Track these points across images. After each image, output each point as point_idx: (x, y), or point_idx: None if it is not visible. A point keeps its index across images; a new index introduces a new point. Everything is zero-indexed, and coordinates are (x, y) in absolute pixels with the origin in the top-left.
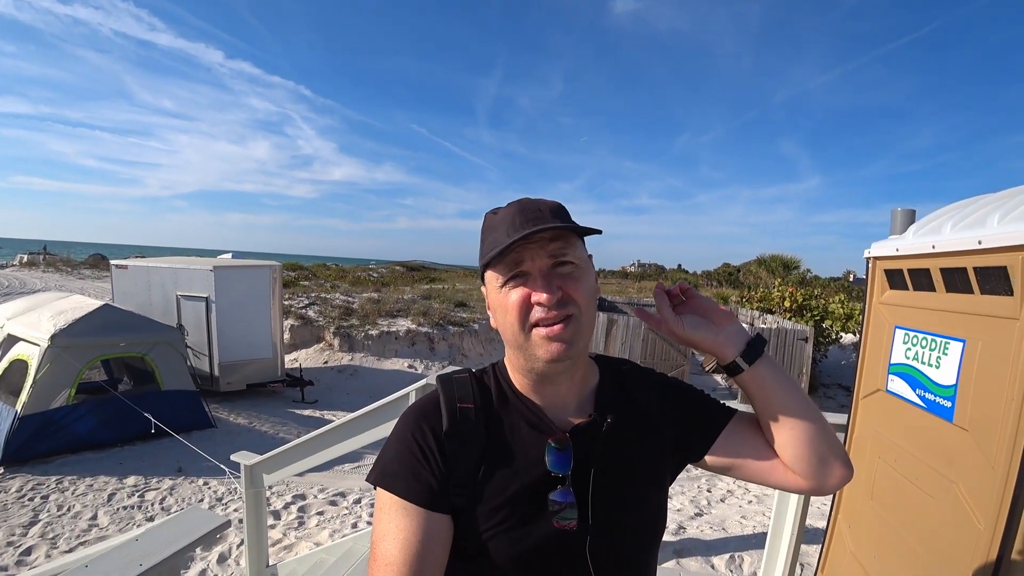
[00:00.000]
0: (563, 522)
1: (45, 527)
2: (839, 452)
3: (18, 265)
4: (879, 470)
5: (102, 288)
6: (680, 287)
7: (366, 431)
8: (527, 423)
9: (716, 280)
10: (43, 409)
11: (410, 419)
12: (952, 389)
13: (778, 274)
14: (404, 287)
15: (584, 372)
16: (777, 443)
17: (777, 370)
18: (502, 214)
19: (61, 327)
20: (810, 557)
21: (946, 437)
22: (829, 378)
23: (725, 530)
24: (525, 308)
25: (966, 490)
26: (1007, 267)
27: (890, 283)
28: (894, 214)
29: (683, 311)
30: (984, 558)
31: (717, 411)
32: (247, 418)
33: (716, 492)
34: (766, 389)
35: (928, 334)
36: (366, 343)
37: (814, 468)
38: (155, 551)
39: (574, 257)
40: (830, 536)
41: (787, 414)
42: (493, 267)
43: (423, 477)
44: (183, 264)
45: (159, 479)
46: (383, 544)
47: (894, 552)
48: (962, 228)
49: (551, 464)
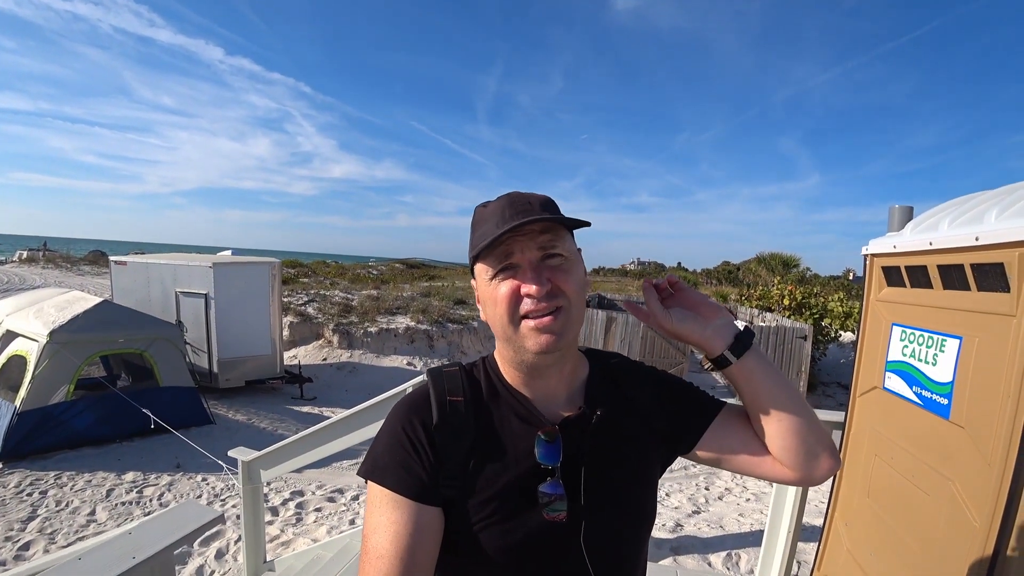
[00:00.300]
0: (553, 514)
1: (43, 522)
2: (827, 443)
3: (17, 261)
4: (876, 468)
5: (101, 284)
6: (669, 280)
7: (364, 427)
8: (517, 416)
9: (716, 278)
10: (42, 405)
11: (400, 413)
12: (949, 386)
13: (777, 272)
14: (403, 284)
15: (574, 365)
16: (766, 435)
17: (765, 363)
18: (492, 207)
19: (60, 323)
20: (807, 555)
21: (943, 434)
22: (828, 376)
23: (722, 528)
24: (514, 300)
25: (962, 487)
26: (1004, 264)
27: (887, 280)
28: (892, 211)
29: (672, 304)
30: (980, 555)
31: (706, 404)
32: (246, 414)
33: (714, 490)
34: (754, 382)
35: (925, 331)
36: (365, 340)
37: (802, 459)
38: (148, 544)
39: (563, 250)
40: (827, 534)
41: (775, 407)
42: (483, 259)
43: (413, 470)
44: (182, 261)
45: (157, 475)
46: (374, 537)
47: (891, 549)
48: (959, 225)
49: (541, 456)
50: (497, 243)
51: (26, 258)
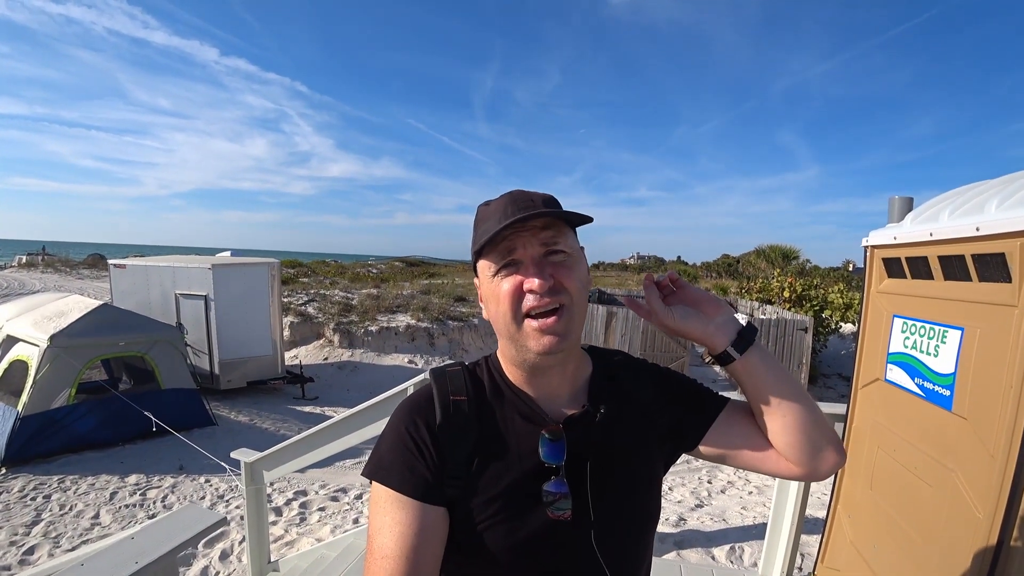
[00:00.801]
0: (557, 513)
1: (47, 526)
2: (832, 438)
3: (17, 266)
4: (878, 459)
5: (101, 288)
6: (670, 277)
7: (366, 427)
8: (520, 415)
9: (715, 271)
10: (44, 409)
11: (403, 413)
12: (951, 377)
13: (777, 264)
14: (403, 283)
15: (577, 363)
16: (770, 431)
17: (768, 359)
18: (494, 205)
19: (60, 327)
20: (810, 547)
21: (945, 426)
22: (829, 368)
23: (726, 521)
24: (517, 296)
25: (965, 479)
26: (1005, 254)
27: (888, 272)
28: (892, 202)
29: (673, 301)
30: (983, 546)
31: (710, 400)
32: (248, 415)
33: (716, 483)
34: (757, 378)
35: (926, 322)
36: (366, 339)
37: (807, 455)
38: (151, 548)
39: (566, 246)
40: (830, 526)
41: (779, 402)
42: (485, 256)
43: (418, 470)
44: (181, 263)
45: (160, 477)
46: (379, 537)
47: (894, 541)
48: (960, 215)
49: (545, 455)
50: (500, 239)
51: (25, 263)
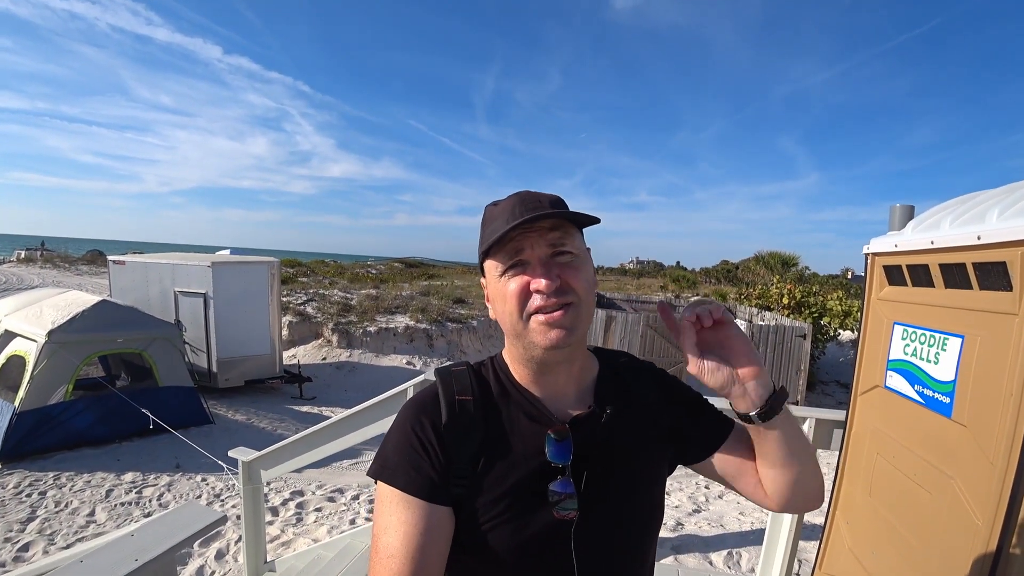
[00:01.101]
0: (563, 512)
1: (43, 523)
2: (819, 487)
3: (15, 261)
4: (877, 466)
5: (100, 284)
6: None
7: (364, 427)
8: (526, 415)
9: (715, 277)
10: (41, 405)
11: (409, 412)
12: (951, 385)
13: (776, 271)
14: (402, 283)
15: (583, 363)
16: (766, 476)
17: (790, 425)
18: (502, 205)
19: (58, 323)
20: (808, 553)
21: (945, 433)
22: (827, 375)
23: (723, 527)
24: (524, 296)
25: (964, 486)
26: (1006, 262)
27: (889, 279)
28: (893, 210)
29: (710, 340)
30: (982, 553)
31: (716, 423)
32: (245, 414)
33: (714, 488)
34: (773, 442)
35: (927, 330)
36: (364, 339)
37: (789, 500)
38: (151, 546)
39: (573, 247)
40: (828, 532)
41: (785, 462)
42: (492, 256)
43: (423, 470)
44: (181, 260)
45: (157, 475)
46: (385, 537)
47: (892, 548)
48: (961, 224)
49: (551, 455)
50: (507, 239)
51: (24, 258)
